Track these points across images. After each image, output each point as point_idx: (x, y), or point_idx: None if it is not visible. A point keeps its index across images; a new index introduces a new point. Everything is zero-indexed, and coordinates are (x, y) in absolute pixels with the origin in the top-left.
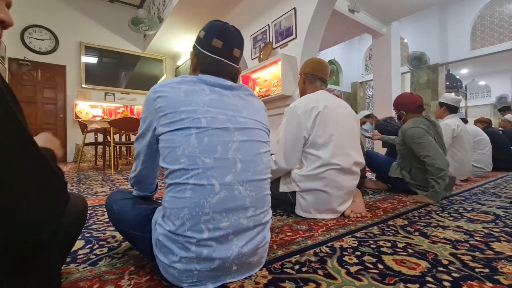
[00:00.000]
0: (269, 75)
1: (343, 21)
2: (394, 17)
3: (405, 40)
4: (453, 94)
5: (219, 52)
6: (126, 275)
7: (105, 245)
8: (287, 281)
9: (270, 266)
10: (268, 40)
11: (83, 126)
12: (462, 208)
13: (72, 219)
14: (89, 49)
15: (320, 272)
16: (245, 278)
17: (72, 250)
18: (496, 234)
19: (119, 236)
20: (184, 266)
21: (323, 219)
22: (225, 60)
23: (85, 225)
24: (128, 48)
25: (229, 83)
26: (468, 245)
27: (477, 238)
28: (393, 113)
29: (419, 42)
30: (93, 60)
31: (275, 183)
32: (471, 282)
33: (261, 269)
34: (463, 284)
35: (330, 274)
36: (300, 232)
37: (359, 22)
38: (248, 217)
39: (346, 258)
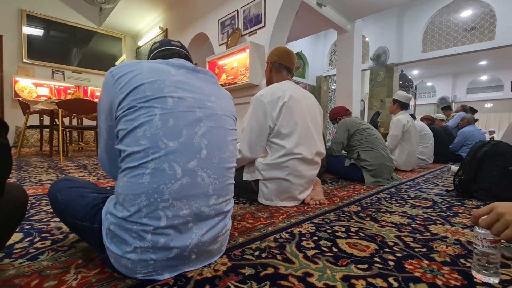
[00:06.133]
0: (236, 63)
1: (311, 14)
2: (358, 15)
3: (367, 39)
4: (405, 92)
5: (169, 44)
6: (72, 268)
7: (49, 238)
8: (246, 267)
9: (230, 253)
10: (236, 26)
11: (25, 106)
12: (407, 196)
13: (6, 211)
14: (32, 19)
15: (279, 257)
16: (204, 266)
17: (6, 245)
18: (433, 218)
19: (66, 227)
20: (138, 256)
21: (284, 207)
22: (176, 47)
23: (24, 216)
24: (80, 22)
25: (193, 66)
26: (410, 228)
27: (418, 222)
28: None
29: (378, 42)
30: (38, 32)
31: (238, 171)
32: (411, 261)
33: (221, 257)
34: (404, 263)
35: (289, 259)
36: (262, 219)
37: (326, 17)
38: (210, 206)
39: (304, 243)
